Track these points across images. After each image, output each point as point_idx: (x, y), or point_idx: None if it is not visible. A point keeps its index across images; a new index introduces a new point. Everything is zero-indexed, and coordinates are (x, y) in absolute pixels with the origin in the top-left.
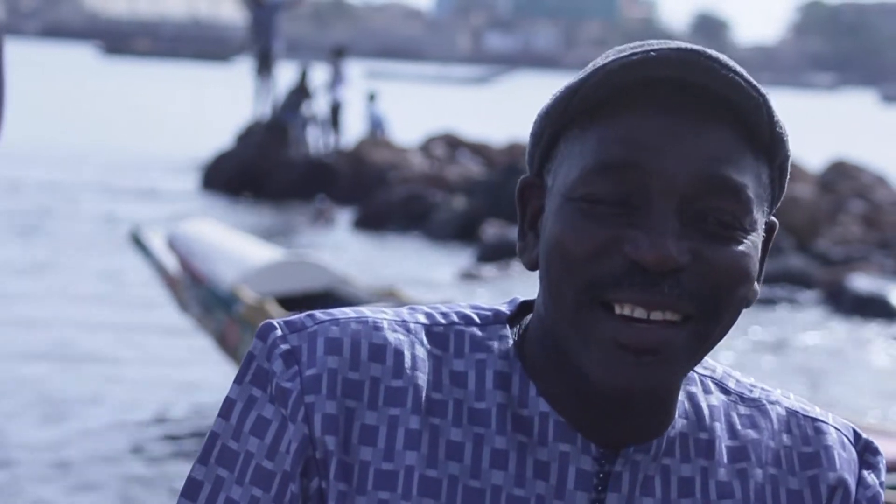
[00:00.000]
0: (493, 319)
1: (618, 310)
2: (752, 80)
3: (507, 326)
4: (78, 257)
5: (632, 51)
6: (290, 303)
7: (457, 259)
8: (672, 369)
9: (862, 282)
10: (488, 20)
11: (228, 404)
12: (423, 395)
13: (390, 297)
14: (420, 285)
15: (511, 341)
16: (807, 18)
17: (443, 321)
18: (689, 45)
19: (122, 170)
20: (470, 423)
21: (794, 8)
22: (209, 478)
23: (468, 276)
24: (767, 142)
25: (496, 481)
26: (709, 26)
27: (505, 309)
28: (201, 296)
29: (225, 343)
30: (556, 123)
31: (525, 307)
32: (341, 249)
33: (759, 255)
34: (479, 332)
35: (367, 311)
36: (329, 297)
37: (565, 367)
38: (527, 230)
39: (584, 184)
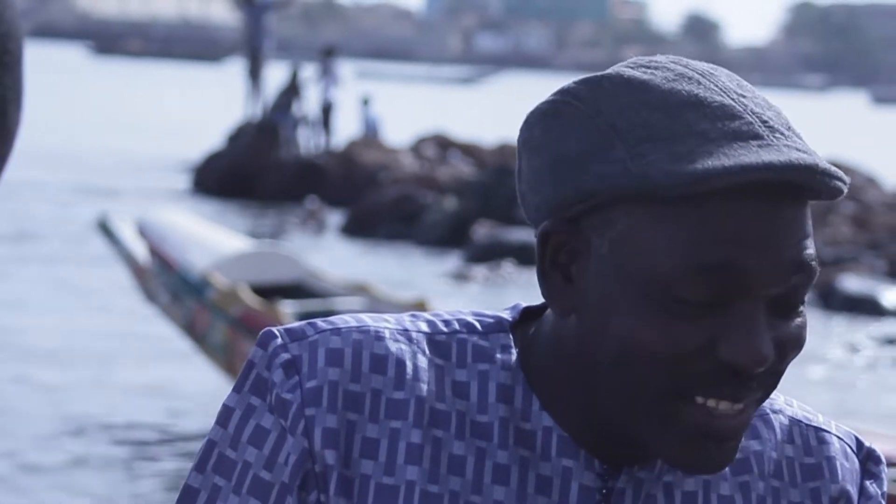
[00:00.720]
0: (496, 327)
1: (700, 400)
2: (844, 177)
3: (510, 335)
4: (66, 257)
5: (711, 125)
6: (260, 293)
7: (446, 263)
8: (740, 442)
9: (852, 282)
10: (479, 21)
11: (226, 412)
12: (426, 407)
13: (361, 291)
14: (408, 288)
15: (514, 351)
16: (797, 19)
17: (445, 329)
18: (804, 162)
19: (113, 170)
20: (472, 436)
21: (785, 9)
22: (206, 486)
23: (458, 277)
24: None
25: (498, 497)
26: (700, 27)
27: (507, 316)
28: (171, 282)
29: (193, 330)
30: (619, 196)
31: (527, 314)
32: (329, 253)
33: None
34: (481, 342)
35: (368, 319)
36: (299, 290)
37: (577, 393)
38: (549, 269)
39: (677, 284)
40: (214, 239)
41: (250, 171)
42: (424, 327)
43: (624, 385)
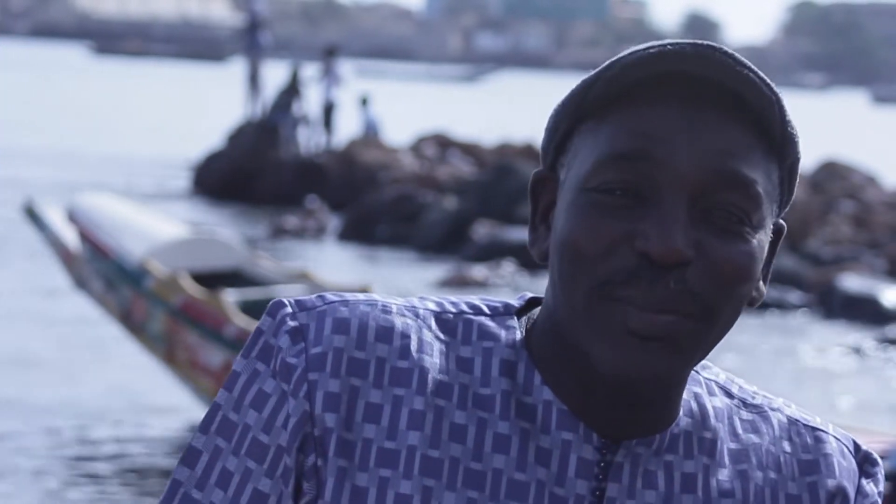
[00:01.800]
0: (503, 311)
1: (624, 298)
2: (765, 78)
3: (516, 318)
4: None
5: (648, 45)
6: (198, 280)
7: (442, 269)
8: (674, 359)
9: (852, 282)
10: (479, 20)
11: (233, 377)
12: (429, 377)
13: (303, 279)
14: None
15: (518, 332)
16: (797, 19)
17: (452, 310)
18: (705, 42)
19: (113, 169)
20: (474, 406)
21: (785, 8)
22: (208, 447)
23: (454, 284)
24: (779, 141)
25: (497, 465)
26: (700, 26)
27: (515, 302)
28: (105, 270)
29: (130, 319)
30: (571, 117)
31: (534, 302)
32: (328, 259)
33: (766, 255)
34: (487, 322)
35: (377, 295)
36: (237, 277)
37: (572, 358)
38: (538, 223)
39: (596, 174)
40: (149, 225)
41: (250, 171)
42: (432, 306)
43: (563, 290)
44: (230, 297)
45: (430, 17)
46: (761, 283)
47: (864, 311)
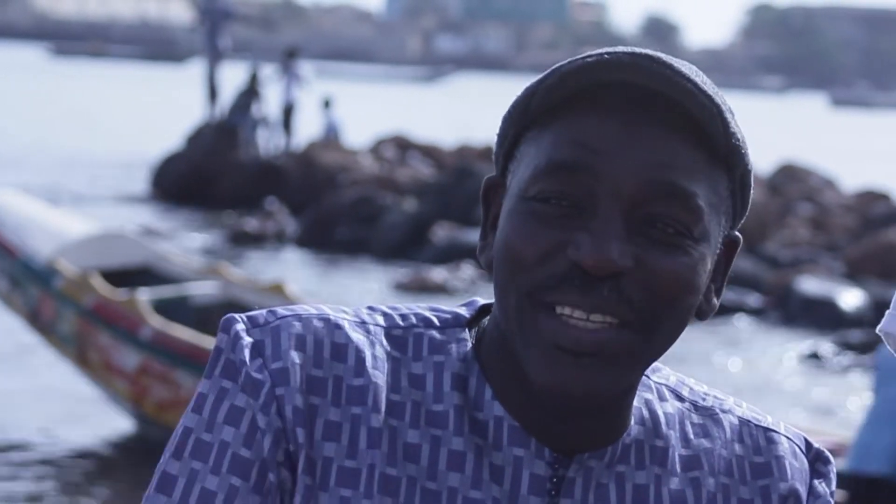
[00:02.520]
0: (453, 322)
1: (558, 310)
2: (707, 88)
3: (466, 329)
4: None
5: (587, 54)
6: (107, 278)
7: (403, 270)
8: (611, 373)
9: (810, 284)
10: (439, 22)
11: (200, 399)
12: (383, 396)
13: (213, 274)
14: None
15: (469, 344)
16: (756, 22)
17: (402, 324)
18: (645, 51)
19: (69, 171)
20: (427, 424)
21: (744, 11)
22: (183, 472)
23: (411, 289)
24: (723, 152)
25: (452, 483)
26: (659, 29)
27: (464, 311)
28: (10, 269)
29: (38, 320)
30: (517, 125)
31: (484, 310)
32: (286, 267)
33: (712, 267)
34: (437, 335)
35: (328, 309)
36: (146, 273)
37: (516, 370)
38: (488, 230)
39: (534, 183)
40: (55, 222)
41: (209, 173)
42: (381, 321)
43: (498, 297)
44: (144, 295)
45: (390, 19)
46: (713, 296)
47: (822, 314)
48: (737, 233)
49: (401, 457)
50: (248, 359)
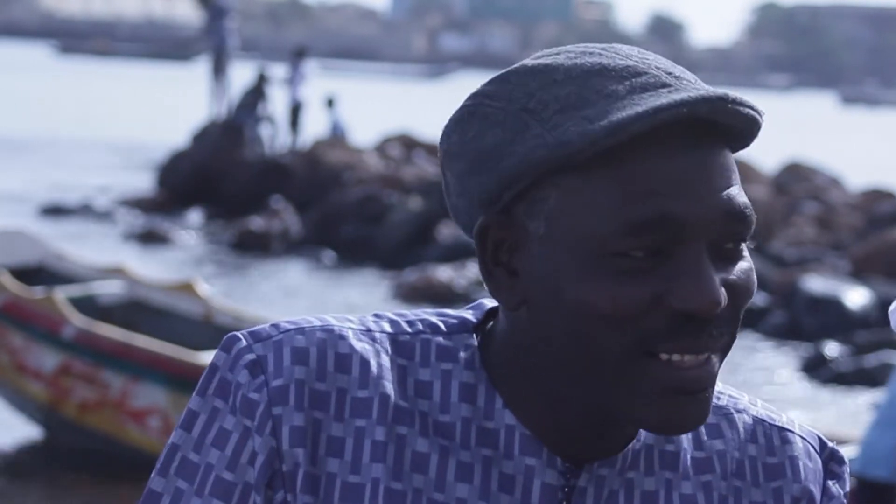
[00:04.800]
0: (460, 328)
1: (664, 357)
2: (757, 106)
3: (474, 335)
4: None
5: (619, 85)
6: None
7: (409, 269)
8: (712, 395)
9: (816, 283)
10: (444, 21)
11: (190, 416)
12: (390, 404)
13: (117, 273)
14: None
15: (477, 351)
16: (762, 20)
17: (409, 330)
18: (703, 93)
19: (75, 170)
20: (435, 434)
21: (749, 10)
22: (168, 489)
23: (421, 283)
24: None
25: (461, 494)
26: (665, 28)
27: (471, 316)
28: None
29: None
30: (541, 167)
31: (491, 313)
32: (287, 267)
33: None
34: (444, 341)
35: (332, 319)
36: (42, 272)
37: (531, 380)
38: (492, 266)
39: (612, 242)
40: None
41: (215, 171)
42: (388, 328)
43: (585, 356)
44: (58, 294)
45: (395, 17)
46: None
47: (828, 313)
48: None
49: (407, 468)
50: (247, 378)
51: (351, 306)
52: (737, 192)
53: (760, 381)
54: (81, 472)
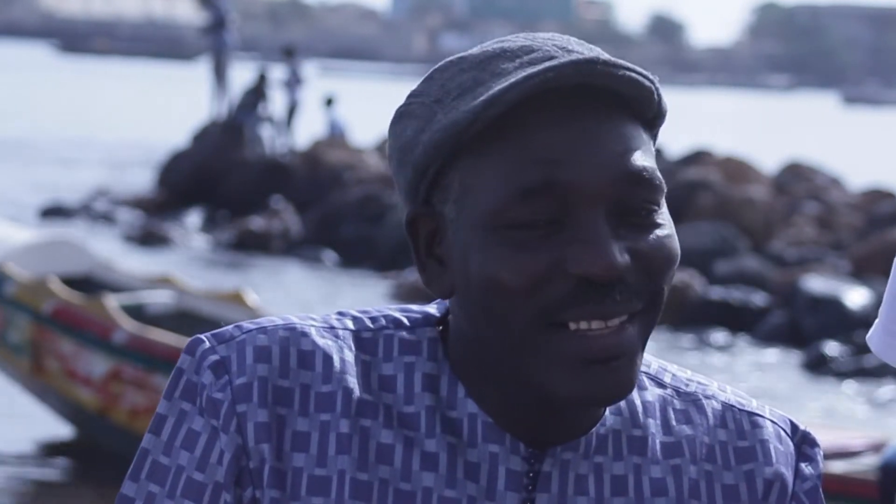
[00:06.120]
0: (423, 322)
1: (573, 326)
2: (639, 69)
3: (437, 328)
4: None
5: (511, 63)
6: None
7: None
8: (634, 366)
9: (816, 283)
10: (444, 21)
11: (158, 420)
12: (353, 397)
13: (166, 283)
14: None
15: (440, 343)
16: (762, 20)
17: (371, 326)
18: (567, 58)
19: (76, 169)
20: (400, 426)
21: (750, 10)
22: (140, 494)
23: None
24: (653, 118)
25: (427, 483)
26: (665, 28)
27: (434, 311)
28: None
29: None
30: (442, 154)
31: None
32: (289, 269)
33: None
34: (407, 335)
35: (294, 318)
36: (90, 281)
37: (489, 370)
38: (425, 259)
39: (506, 211)
40: None
41: (215, 171)
42: (350, 325)
43: (499, 332)
44: (112, 302)
45: (395, 17)
46: None
47: (828, 313)
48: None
49: (373, 459)
50: (211, 378)
51: (351, 307)
52: (635, 157)
53: (760, 381)
54: None
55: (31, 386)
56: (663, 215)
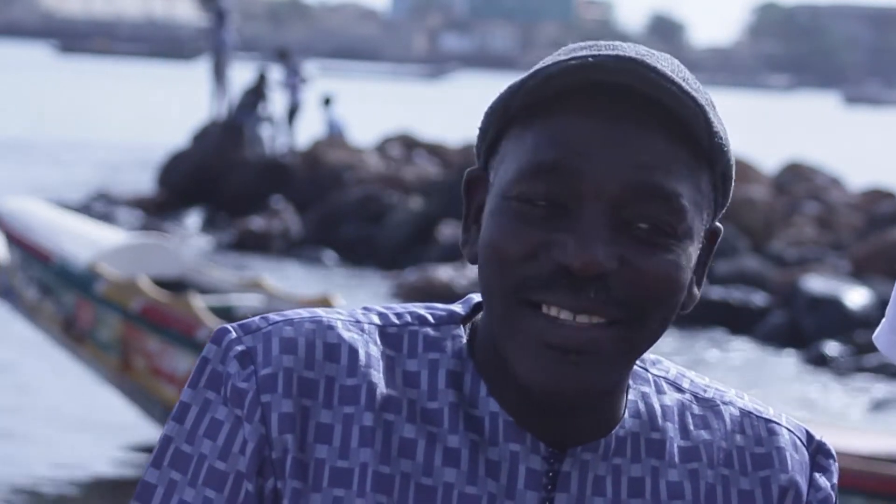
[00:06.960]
0: (448, 319)
1: (544, 309)
2: (690, 87)
3: (461, 326)
4: None
5: (573, 54)
6: None
7: (409, 269)
8: (600, 369)
9: (816, 283)
10: (444, 21)
11: (182, 408)
12: (377, 392)
13: (255, 287)
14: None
15: (464, 341)
16: (762, 20)
17: (397, 322)
18: (629, 54)
19: (76, 169)
20: (423, 421)
21: (750, 10)
22: (162, 481)
23: (422, 283)
24: (707, 150)
25: (448, 479)
26: (665, 28)
27: (459, 309)
28: (43, 276)
29: (72, 328)
30: (499, 121)
31: (479, 306)
32: (291, 265)
33: (695, 262)
34: (432, 332)
35: (321, 311)
36: (181, 284)
37: (506, 366)
38: (470, 223)
39: (518, 184)
40: (88, 229)
41: (215, 171)
42: (376, 320)
43: (484, 295)
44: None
45: (396, 17)
46: (695, 287)
47: (828, 313)
48: (717, 224)
49: (395, 454)
50: (236, 368)
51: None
52: (658, 174)
53: (760, 381)
54: None
55: (119, 383)
56: (679, 246)
